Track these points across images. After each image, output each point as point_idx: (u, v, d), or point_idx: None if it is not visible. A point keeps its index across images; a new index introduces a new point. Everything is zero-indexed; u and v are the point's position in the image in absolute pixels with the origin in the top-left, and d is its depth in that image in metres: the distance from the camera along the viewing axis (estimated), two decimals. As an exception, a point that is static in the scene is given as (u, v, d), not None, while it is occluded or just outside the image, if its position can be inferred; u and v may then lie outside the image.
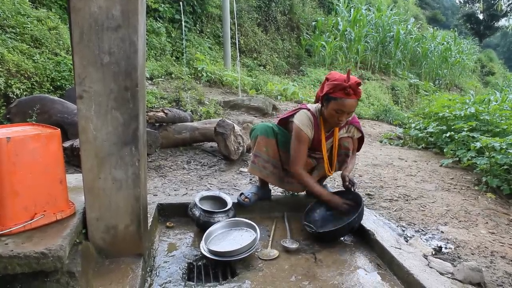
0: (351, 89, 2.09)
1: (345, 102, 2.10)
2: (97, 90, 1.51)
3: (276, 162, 2.42)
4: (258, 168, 2.40)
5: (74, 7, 1.43)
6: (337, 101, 2.11)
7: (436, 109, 5.31)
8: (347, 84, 2.08)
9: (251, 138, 2.47)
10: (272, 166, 2.42)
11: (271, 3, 10.97)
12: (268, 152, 2.38)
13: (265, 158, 2.38)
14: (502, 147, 3.29)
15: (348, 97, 2.09)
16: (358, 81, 2.12)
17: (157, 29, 7.44)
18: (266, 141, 2.36)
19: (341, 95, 2.09)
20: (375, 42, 12.72)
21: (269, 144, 2.37)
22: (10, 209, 1.42)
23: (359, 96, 2.14)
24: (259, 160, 2.39)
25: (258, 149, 2.38)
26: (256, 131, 2.41)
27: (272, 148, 2.38)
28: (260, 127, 2.41)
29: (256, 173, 2.42)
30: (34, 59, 4.33)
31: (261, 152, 2.38)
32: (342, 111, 2.13)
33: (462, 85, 15.77)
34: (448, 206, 2.86)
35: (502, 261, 2.07)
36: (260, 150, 2.38)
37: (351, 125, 2.41)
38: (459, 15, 32.64)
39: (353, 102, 2.12)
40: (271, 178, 2.43)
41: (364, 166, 3.90)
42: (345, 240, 2.23)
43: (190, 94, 5.73)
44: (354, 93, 2.10)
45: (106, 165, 1.58)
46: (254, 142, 2.41)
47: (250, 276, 1.78)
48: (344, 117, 2.16)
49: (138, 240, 1.69)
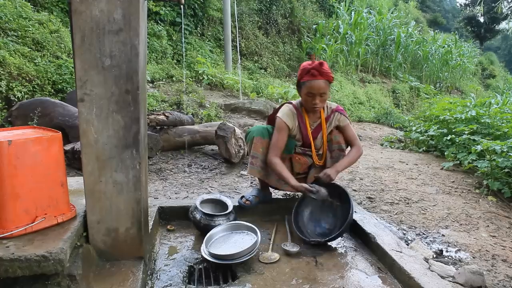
0: (314, 70, 2.19)
1: (312, 83, 2.20)
2: (98, 93, 1.51)
3: None
4: (256, 169, 2.39)
5: (76, 10, 1.44)
6: (305, 84, 2.23)
7: (437, 112, 5.32)
8: (310, 67, 2.20)
9: (247, 141, 2.48)
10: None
11: (272, 6, 11.00)
12: (264, 152, 2.37)
13: (262, 159, 2.38)
14: (503, 150, 3.28)
15: (314, 78, 2.19)
16: (321, 61, 2.22)
17: (158, 32, 7.46)
18: (262, 141, 2.37)
19: (308, 78, 2.21)
20: (376, 45, 12.73)
21: (265, 144, 2.37)
22: (11, 212, 1.42)
23: (325, 76, 2.20)
24: (256, 161, 2.39)
25: (255, 150, 2.39)
26: (251, 133, 2.43)
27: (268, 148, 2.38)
28: (255, 129, 2.44)
29: (255, 174, 2.42)
30: (36, 62, 4.34)
31: (258, 153, 2.38)
32: (313, 94, 2.22)
33: (463, 88, 15.76)
34: (449, 209, 2.85)
35: (503, 265, 2.06)
36: (257, 151, 2.38)
37: (336, 112, 2.41)
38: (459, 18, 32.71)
39: (321, 83, 2.19)
40: (270, 178, 2.43)
41: (365, 169, 3.89)
42: (345, 244, 2.23)
43: (191, 97, 5.74)
44: (319, 73, 2.18)
45: (107, 168, 1.58)
46: (251, 144, 2.41)
47: (251, 279, 1.78)
48: (317, 99, 2.22)
49: (138, 243, 1.69)
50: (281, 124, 2.33)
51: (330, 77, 2.22)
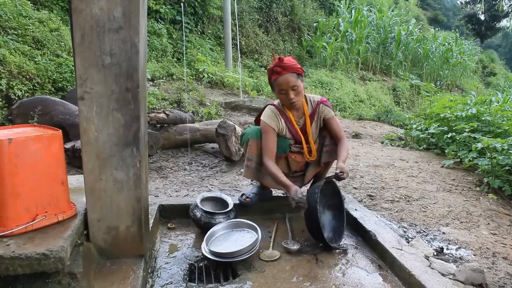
0: (277, 67, 2.19)
1: (279, 80, 2.20)
2: (98, 92, 1.51)
3: None
4: (251, 171, 2.39)
5: (76, 8, 1.44)
6: (275, 83, 2.23)
7: (437, 110, 5.30)
8: (272, 66, 2.22)
9: (242, 143, 2.46)
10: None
11: (272, 4, 10.98)
12: (259, 154, 2.36)
13: (257, 161, 2.37)
14: (504, 148, 3.28)
15: (280, 75, 2.19)
16: (280, 57, 2.22)
17: (158, 30, 7.45)
18: (257, 143, 2.35)
19: (275, 76, 2.22)
20: (376, 43, 12.70)
21: (260, 146, 2.35)
22: (12, 210, 1.42)
23: (290, 70, 2.18)
24: (251, 163, 2.38)
25: (250, 152, 2.38)
26: (246, 135, 2.41)
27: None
28: (250, 131, 2.41)
29: (250, 176, 2.42)
30: (36, 60, 4.34)
31: (253, 155, 2.37)
32: (285, 90, 2.21)
33: (463, 86, 15.73)
34: (449, 207, 2.85)
35: (504, 262, 2.07)
36: (252, 153, 2.37)
37: (321, 104, 2.39)
38: (460, 16, 32.61)
39: (288, 77, 2.18)
40: (266, 180, 2.42)
41: (366, 167, 3.89)
42: (346, 241, 2.22)
43: (191, 95, 5.74)
44: (282, 69, 2.18)
45: (108, 166, 1.58)
46: (246, 146, 2.40)
47: (251, 277, 1.78)
48: (291, 94, 2.21)
49: (139, 241, 1.69)
50: (265, 127, 2.31)
51: (296, 69, 2.19)
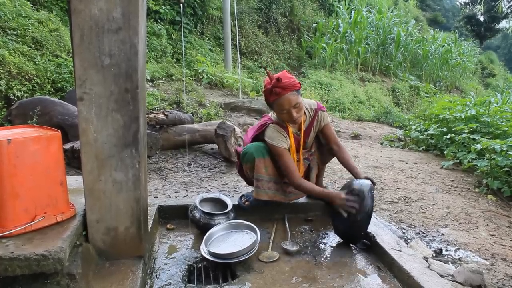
0: (276, 88, 2.10)
1: (281, 101, 2.12)
2: (97, 92, 1.51)
3: (276, 178, 2.39)
4: (263, 191, 2.34)
5: (75, 9, 1.43)
6: (275, 103, 2.16)
7: (436, 111, 5.31)
8: (271, 86, 2.12)
9: (245, 162, 2.37)
10: (275, 184, 2.39)
11: (271, 5, 10.99)
12: (268, 171, 2.34)
13: (266, 179, 2.34)
14: (503, 149, 3.28)
15: (279, 96, 2.11)
16: (277, 77, 2.11)
17: (158, 31, 7.45)
18: (263, 161, 2.32)
19: (274, 98, 2.14)
20: (376, 44, 12.72)
21: (267, 163, 2.33)
22: (11, 211, 1.42)
23: (290, 88, 2.11)
24: (262, 183, 2.33)
25: (258, 172, 2.32)
26: (250, 154, 2.31)
27: (270, 166, 2.34)
28: (254, 149, 2.31)
29: (262, 196, 2.35)
30: (35, 61, 4.34)
31: (262, 175, 2.33)
32: (286, 109, 2.14)
33: (462, 87, 15.76)
34: (448, 208, 2.86)
35: (503, 264, 2.07)
36: (261, 172, 2.32)
37: (319, 112, 2.38)
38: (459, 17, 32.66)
39: (288, 96, 2.11)
40: (277, 196, 2.40)
41: (365, 168, 3.89)
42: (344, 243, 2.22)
43: (190, 96, 5.74)
44: (282, 89, 2.10)
45: (107, 167, 1.58)
46: (252, 166, 2.34)
47: (250, 278, 1.78)
48: (293, 111, 2.15)
49: (138, 242, 1.69)
50: (278, 150, 2.24)
51: (296, 86, 2.13)
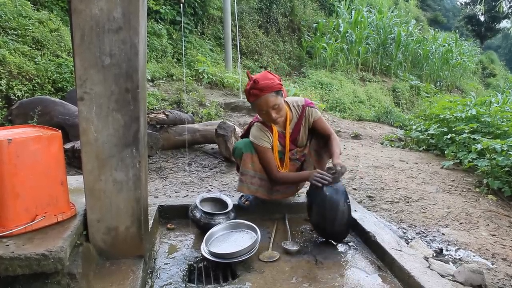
0: (253, 90, 2.13)
1: (258, 102, 2.15)
2: (98, 92, 1.51)
3: (262, 175, 2.40)
4: (245, 185, 2.38)
5: (75, 9, 1.44)
6: (254, 104, 2.19)
7: (437, 111, 5.31)
8: (248, 88, 2.15)
9: (236, 157, 2.45)
10: (259, 180, 2.40)
11: (272, 5, 10.99)
12: (254, 167, 2.37)
13: (251, 174, 2.37)
14: (503, 149, 3.28)
15: (257, 98, 2.13)
16: (255, 79, 2.12)
17: (158, 31, 7.45)
18: (251, 157, 2.35)
19: (253, 99, 2.17)
20: (376, 44, 12.71)
21: (254, 159, 2.36)
22: (11, 211, 1.42)
23: (268, 90, 2.11)
24: (246, 177, 2.37)
25: (244, 167, 2.37)
26: (239, 149, 2.38)
27: (257, 162, 2.37)
28: (243, 144, 2.38)
29: (244, 190, 2.40)
30: (36, 61, 4.34)
31: (247, 169, 2.37)
32: (265, 110, 2.17)
33: (463, 87, 15.74)
34: (449, 208, 2.85)
35: (503, 263, 2.06)
36: (247, 167, 2.36)
37: (307, 108, 2.39)
38: (460, 17, 32.65)
39: (266, 98, 2.12)
40: (259, 192, 2.41)
41: (365, 168, 3.89)
42: (347, 242, 2.23)
43: (191, 96, 5.74)
44: (259, 91, 2.11)
45: (107, 167, 1.58)
46: (240, 160, 2.40)
47: (250, 278, 1.78)
48: (272, 112, 2.17)
49: (138, 242, 1.69)
50: (260, 148, 2.31)
51: (274, 88, 2.13)
